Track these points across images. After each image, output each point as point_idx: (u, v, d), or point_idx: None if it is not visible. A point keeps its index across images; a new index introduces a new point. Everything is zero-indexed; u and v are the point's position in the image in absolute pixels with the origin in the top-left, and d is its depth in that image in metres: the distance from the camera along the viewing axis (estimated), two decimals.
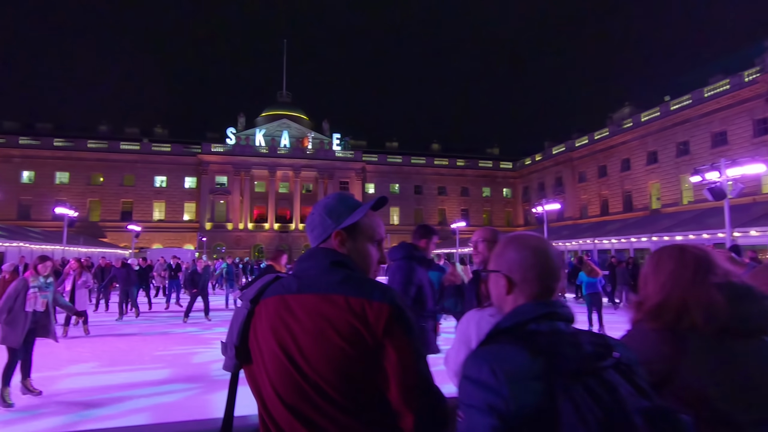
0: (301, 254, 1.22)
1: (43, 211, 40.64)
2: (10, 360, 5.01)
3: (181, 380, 5.95)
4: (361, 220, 1.18)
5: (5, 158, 42.41)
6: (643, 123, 36.96)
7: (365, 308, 1.01)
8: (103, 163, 45.05)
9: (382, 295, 1.04)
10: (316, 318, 1.03)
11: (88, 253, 27.11)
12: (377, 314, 1.01)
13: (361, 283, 1.07)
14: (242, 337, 1.11)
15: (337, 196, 1.24)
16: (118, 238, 41.99)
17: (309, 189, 50.19)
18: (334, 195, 1.24)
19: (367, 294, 1.03)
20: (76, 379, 5.92)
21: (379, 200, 1.25)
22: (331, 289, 1.06)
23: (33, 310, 5.21)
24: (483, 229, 2.27)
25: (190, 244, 43.79)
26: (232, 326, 1.14)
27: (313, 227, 1.21)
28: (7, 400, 4.83)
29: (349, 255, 1.16)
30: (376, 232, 1.22)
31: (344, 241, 1.17)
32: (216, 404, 4.86)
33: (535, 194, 49.92)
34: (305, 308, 1.05)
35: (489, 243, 2.16)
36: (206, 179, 46.34)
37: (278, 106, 53.42)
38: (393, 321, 1.01)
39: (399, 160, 53.21)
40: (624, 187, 39.48)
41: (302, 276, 1.12)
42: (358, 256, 1.18)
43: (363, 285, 1.06)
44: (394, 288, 1.10)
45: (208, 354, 7.60)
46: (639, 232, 20.30)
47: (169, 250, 33.05)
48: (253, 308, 1.13)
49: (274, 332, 1.06)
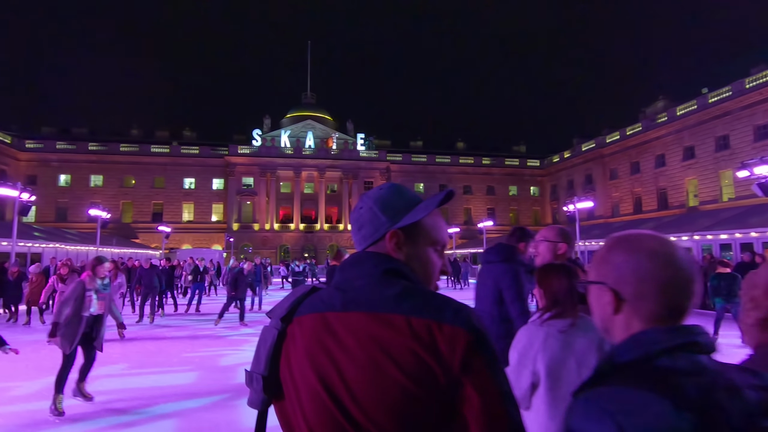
0: (344, 259, 0.98)
1: (79, 213, 41.98)
2: (64, 366, 4.75)
3: (208, 384, 5.84)
4: (423, 219, 0.93)
5: (44, 162, 44.10)
6: (679, 117, 35.46)
7: (434, 333, 0.78)
8: (134, 165, 46.33)
9: (455, 315, 0.79)
10: (368, 344, 0.80)
11: (120, 254, 27.83)
12: (451, 342, 0.77)
13: (427, 299, 0.82)
14: (271, 365, 0.88)
15: (393, 188, 0.98)
16: (150, 239, 43.07)
17: (333, 189, 50.34)
18: (388, 186, 0.99)
19: (436, 314, 0.79)
20: (105, 381, 5.87)
21: (447, 195, 0.95)
22: (387, 306, 0.82)
23: (89, 314, 4.92)
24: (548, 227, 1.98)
25: (218, 245, 44.51)
26: (259, 351, 0.91)
27: (361, 225, 0.96)
28: (59, 407, 4.60)
29: (406, 262, 0.92)
30: (440, 235, 0.97)
31: (401, 245, 0.92)
32: (241, 410, 4.70)
33: (564, 192, 48.70)
34: (352, 331, 0.82)
35: (552, 244, 1.86)
36: (233, 180, 47.05)
37: (303, 107, 53.83)
38: (473, 352, 0.77)
39: (423, 159, 52.81)
40: (658, 184, 37.98)
41: (347, 288, 0.88)
42: (418, 263, 0.93)
43: (429, 301, 0.82)
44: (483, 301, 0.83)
45: (235, 356, 7.51)
46: (678, 230, 19.37)
47: (198, 250, 33.58)
48: (284, 328, 0.90)
49: (312, 361, 0.83)
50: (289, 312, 0.90)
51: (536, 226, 50.85)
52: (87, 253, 24.20)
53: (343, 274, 0.92)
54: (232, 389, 5.59)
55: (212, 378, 6.14)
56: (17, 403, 5.03)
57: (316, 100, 56.18)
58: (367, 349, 0.79)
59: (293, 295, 0.93)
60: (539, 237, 1.92)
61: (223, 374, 6.36)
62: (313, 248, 46.65)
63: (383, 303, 0.82)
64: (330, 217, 49.22)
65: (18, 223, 15.45)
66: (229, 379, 6.13)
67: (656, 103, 42.69)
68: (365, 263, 0.90)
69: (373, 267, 0.88)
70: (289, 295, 0.96)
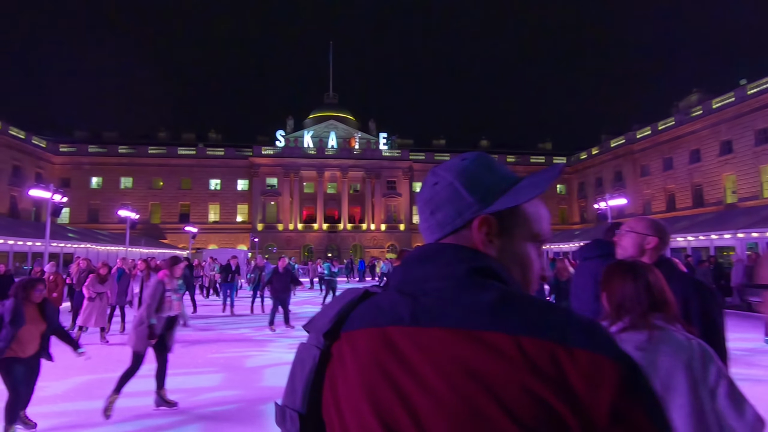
0: (409, 253, 0.71)
1: (110, 214, 43.13)
2: (133, 365, 4.58)
3: (234, 386, 5.70)
4: (525, 204, 0.68)
5: (77, 166, 45.60)
6: (715, 110, 33.97)
7: (561, 363, 0.51)
8: (162, 167, 47.36)
9: (591, 336, 0.53)
10: (454, 375, 0.53)
11: (149, 254, 28.36)
12: (591, 377, 0.50)
13: (542, 311, 0.55)
14: (311, 398, 0.63)
15: (481, 158, 0.72)
16: (177, 239, 43.91)
17: (356, 189, 50.32)
18: (475, 156, 0.72)
19: (560, 333, 0.52)
20: (131, 382, 5.79)
21: (560, 170, 0.72)
22: (481, 319, 0.55)
23: (167, 315, 4.75)
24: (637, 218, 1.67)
25: (243, 245, 45.04)
26: (294, 378, 0.66)
27: (436, 206, 0.69)
28: (110, 408, 4.40)
29: (498, 260, 0.66)
30: (543, 226, 0.70)
31: (493, 236, 0.66)
32: (267, 414, 4.52)
33: (593, 190, 47.38)
34: (429, 355, 0.56)
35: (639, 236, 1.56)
36: (257, 181, 47.56)
37: (325, 108, 54.03)
38: (628, 393, 0.50)
39: (447, 158, 51.46)
40: (693, 181, 36.47)
41: (416, 292, 0.62)
42: (514, 263, 0.67)
43: (546, 314, 0.55)
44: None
45: (260, 358, 7.38)
46: (719, 228, 18.41)
47: (224, 250, 34.00)
48: (328, 347, 0.65)
49: (370, 395, 0.57)
50: (335, 325, 0.65)
51: (563, 225, 49.68)
52: (117, 253, 24.74)
53: (409, 272, 0.66)
54: (256, 387, 5.46)
55: (237, 379, 6.02)
56: (45, 404, 4.97)
57: (338, 100, 56.33)
58: (454, 383, 0.53)
59: (339, 302, 0.68)
60: (625, 228, 1.62)
61: (249, 375, 6.26)
62: (336, 248, 46.72)
63: (475, 315, 0.56)
64: (353, 216, 49.22)
65: (51, 224, 15.85)
66: (253, 379, 6.03)
67: (690, 96, 41.00)
68: (442, 258, 0.64)
69: (455, 264, 0.63)
70: (333, 301, 0.70)
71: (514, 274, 0.66)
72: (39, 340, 4.08)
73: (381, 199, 48.94)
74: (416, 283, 0.63)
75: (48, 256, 14.97)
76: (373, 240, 47.90)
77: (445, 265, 0.63)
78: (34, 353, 4.04)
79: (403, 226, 48.70)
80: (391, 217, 49.40)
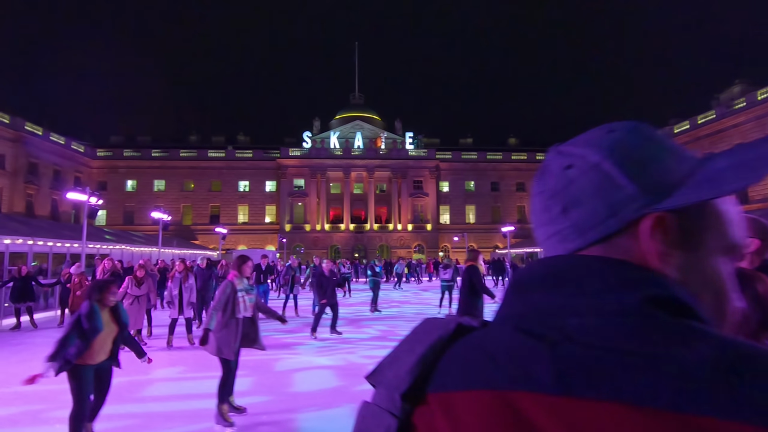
0: (528, 267, 0.45)
1: (144, 216, 44.37)
2: (226, 373, 4.46)
3: (263, 392, 5.57)
4: (717, 201, 0.44)
5: (112, 169, 47.21)
6: (761, 102, 32.20)
7: None
8: (193, 170, 48.47)
9: None
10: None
11: (181, 255, 28.95)
12: None
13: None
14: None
15: (637, 128, 0.45)
16: (208, 240, 44.83)
17: (383, 189, 50.18)
18: (628, 126, 0.45)
19: None
20: (160, 385, 5.76)
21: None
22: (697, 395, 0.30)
23: (243, 316, 4.59)
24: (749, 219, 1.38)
25: (272, 245, 45.56)
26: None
27: (574, 200, 0.43)
28: (226, 417, 4.31)
29: (682, 283, 0.40)
30: (739, 234, 0.45)
31: (672, 245, 0.41)
32: (298, 426, 4.34)
33: None
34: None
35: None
36: (285, 182, 48.05)
37: (351, 108, 54.14)
38: None
39: (474, 157, 51.45)
40: None
41: (554, 335, 0.37)
42: (705, 287, 0.42)
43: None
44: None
45: (290, 361, 7.23)
46: None
47: (253, 251, 34.45)
48: (409, 416, 0.40)
49: None
50: (418, 379, 0.40)
51: None
52: (150, 254, 25.34)
53: (532, 300, 0.42)
54: (286, 391, 5.30)
55: (267, 383, 5.89)
56: None
57: (364, 101, 56.33)
58: None
59: (420, 340, 0.43)
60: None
61: (278, 379, 6.14)
62: (363, 248, 46.69)
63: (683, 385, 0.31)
64: (379, 217, 49.10)
65: (88, 226, 16.29)
66: (283, 383, 5.92)
67: (732, 88, 39.02)
68: (591, 280, 0.40)
69: (618, 291, 0.38)
70: (409, 338, 0.45)
71: (704, 306, 0.40)
72: (110, 346, 3.84)
73: (408, 199, 48.63)
74: (548, 319, 0.39)
75: (85, 257, 15.37)
76: (400, 240, 47.65)
77: (599, 291, 0.39)
78: (104, 360, 3.80)
79: (430, 226, 48.23)
80: (418, 217, 49.02)
